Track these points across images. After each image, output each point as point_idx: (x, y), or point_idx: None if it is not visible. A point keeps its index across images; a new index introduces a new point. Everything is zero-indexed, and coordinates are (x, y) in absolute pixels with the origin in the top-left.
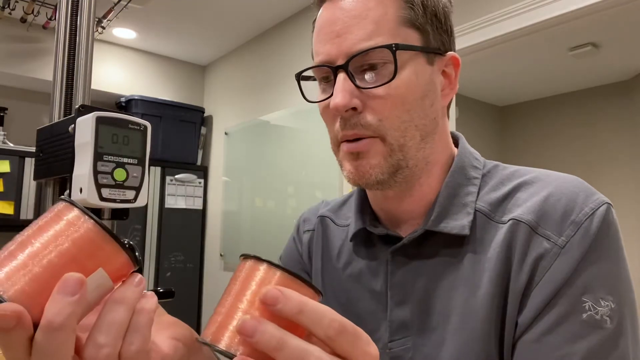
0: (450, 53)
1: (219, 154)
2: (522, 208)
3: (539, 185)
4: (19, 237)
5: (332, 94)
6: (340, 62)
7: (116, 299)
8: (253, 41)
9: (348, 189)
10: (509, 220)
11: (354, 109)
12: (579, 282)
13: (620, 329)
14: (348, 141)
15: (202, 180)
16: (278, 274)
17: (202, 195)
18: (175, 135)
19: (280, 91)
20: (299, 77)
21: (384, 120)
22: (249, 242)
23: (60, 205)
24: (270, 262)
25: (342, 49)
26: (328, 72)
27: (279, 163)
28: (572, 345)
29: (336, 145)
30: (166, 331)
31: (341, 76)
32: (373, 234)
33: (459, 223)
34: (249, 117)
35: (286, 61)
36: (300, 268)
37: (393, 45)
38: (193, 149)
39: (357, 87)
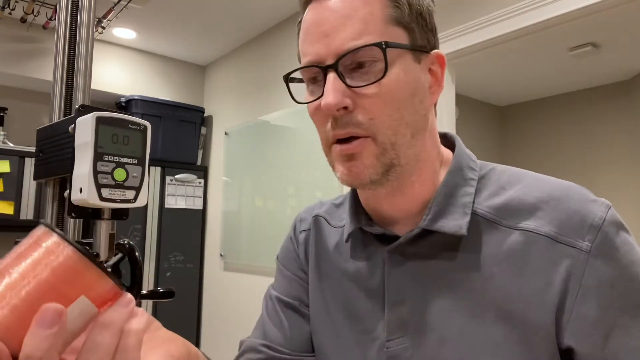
0: (435, 51)
1: (219, 154)
2: (537, 219)
3: (543, 190)
4: None
5: (322, 95)
6: (329, 61)
7: (103, 323)
8: (253, 41)
9: (348, 188)
10: (520, 230)
11: (345, 108)
12: (620, 287)
13: None
14: (340, 142)
15: (202, 180)
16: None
17: (202, 195)
18: (175, 135)
19: (280, 91)
20: (287, 78)
21: (375, 119)
22: (249, 242)
23: (39, 230)
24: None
25: (331, 48)
26: (316, 73)
27: (279, 163)
28: None
29: (328, 146)
30: (160, 349)
31: (331, 76)
32: (368, 233)
33: (456, 223)
34: (249, 117)
35: (286, 61)
36: (298, 267)
37: (383, 43)
38: (193, 149)
39: (348, 86)
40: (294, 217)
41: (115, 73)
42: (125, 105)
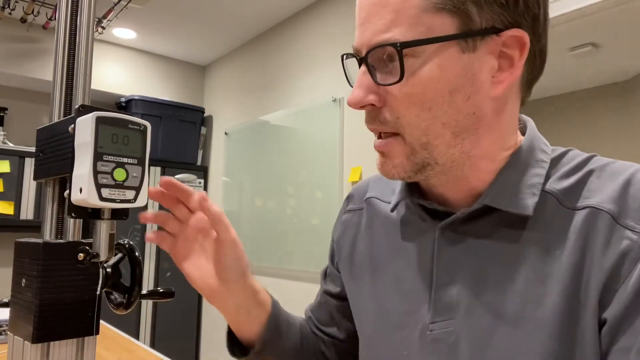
0: (510, 31)
1: (219, 154)
2: (601, 196)
3: (613, 171)
4: None
5: None
6: (362, 53)
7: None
8: (253, 41)
9: (348, 188)
10: (584, 208)
11: (372, 104)
12: None
13: None
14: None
15: (202, 180)
16: None
17: None
18: (175, 135)
19: (280, 91)
20: (344, 59)
21: (401, 119)
22: (249, 242)
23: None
24: None
25: (364, 39)
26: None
27: (279, 163)
28: None
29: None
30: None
31: (362, 69)
32: (420, 209)
33: (522, 202)
34: (249, 117)
35: (286, 61)
36: (334, 260)
37: (398, 44)
38: (193, 149)
39: (376, 82)
40: (294, 217)
41: (115, 73)
42: (125, 105)
